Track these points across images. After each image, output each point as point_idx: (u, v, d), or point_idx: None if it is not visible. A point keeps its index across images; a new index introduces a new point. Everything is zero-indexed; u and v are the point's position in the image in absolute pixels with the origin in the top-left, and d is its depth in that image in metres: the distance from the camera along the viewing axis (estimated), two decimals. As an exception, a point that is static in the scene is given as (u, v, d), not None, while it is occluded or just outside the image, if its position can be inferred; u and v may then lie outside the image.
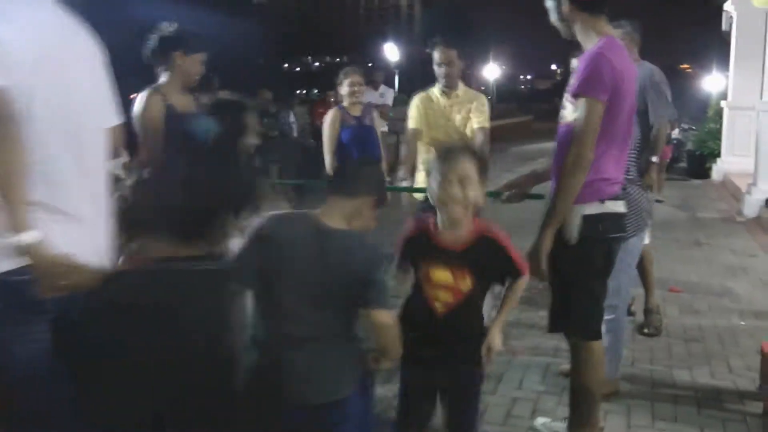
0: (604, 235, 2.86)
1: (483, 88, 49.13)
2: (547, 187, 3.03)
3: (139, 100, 3.65)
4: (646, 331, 4.82)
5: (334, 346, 2.25)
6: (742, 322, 5.10)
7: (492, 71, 43.41)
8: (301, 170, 9.99)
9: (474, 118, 4.52)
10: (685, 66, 45.88)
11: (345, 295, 2.20)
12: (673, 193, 11.19)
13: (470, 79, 49.34)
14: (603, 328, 3.69)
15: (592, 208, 2.82)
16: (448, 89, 4.57)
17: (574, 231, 2.82)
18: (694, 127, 15.37)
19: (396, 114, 13.52)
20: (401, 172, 4.59)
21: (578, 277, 2.89)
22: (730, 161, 12.62)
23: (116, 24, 3.68)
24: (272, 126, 11.27)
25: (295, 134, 11.83)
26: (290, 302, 2.22)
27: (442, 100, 4.60)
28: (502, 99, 48.19)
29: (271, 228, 2.24)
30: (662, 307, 5.10)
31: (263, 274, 2.21)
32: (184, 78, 3.70)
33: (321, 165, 5.54)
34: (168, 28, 3.70)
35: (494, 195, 3.25)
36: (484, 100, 4.65)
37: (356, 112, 5.54)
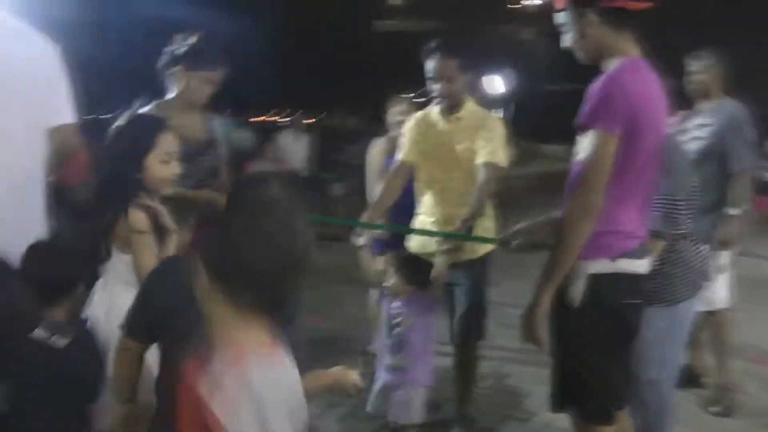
0: (614, 300, 2.34)
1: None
2: None
3: None
4: (712, 409, 4.15)
5: None
6: (839, 408, 4.31)
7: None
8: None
9: (480, 150, 3.45)
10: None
11: None
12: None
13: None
14: (644, 406, 3.15)
15: (600, 267, 2.33)
16: (448, 111, 3.58)
17: (576, 293, 2.33)
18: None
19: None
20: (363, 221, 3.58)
21: (582, 349, 2.38)
22: None
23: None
24: (356, 154, 11.02)
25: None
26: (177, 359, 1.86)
27: (442, 124, 3.61)
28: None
29: (157, 275, 1.92)
30: (740, 381, 4.39)
31: (152, 328, 1.88)
32: (188, 96, 3.39)
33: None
34: (182, 40, 3.41)
35: (502, 243, 2.79)
36: (494, 124, 3.54)
37: None
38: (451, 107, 3.56)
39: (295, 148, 9.60)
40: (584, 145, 2.32)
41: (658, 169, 2.45)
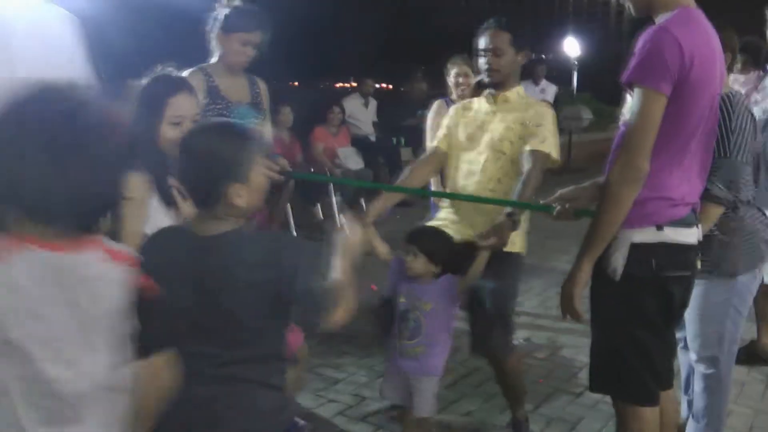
0: (659, 272, 2.16)
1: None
2: None
3: None
4: (782, 389, 3.91)
5: (244, 387, 1.78)
6: None
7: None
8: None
9: (529, 137, 3.04)
10: None
11: (254, 316, 1.73)
12: None
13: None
14: (700, 384, 2.97)
15: (644, 236, 2.15)
16: (495, 90, 3.19)
17: (617, 264, 2.16)
18: None
19: (567, 113, 12.75)
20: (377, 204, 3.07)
21: (622, 324, 2.22)
22: None
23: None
24: (424, 118, 10.83)
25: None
26: (180, 337, 1.73)
27: (485, 106, 3.24)
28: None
29: (146, 249, 1.78)
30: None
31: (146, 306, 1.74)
32: (228, 59, 3.37)
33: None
34: (224, 4, 3.40)
35: (544, 209, 2.62)
36: (545, 112, 3.14)
37: None
38: (497, 84, 3.17)
39: (362, 113, 9.50)
40: (630, 104, 2.14)
41: (713, 130, 2.25)
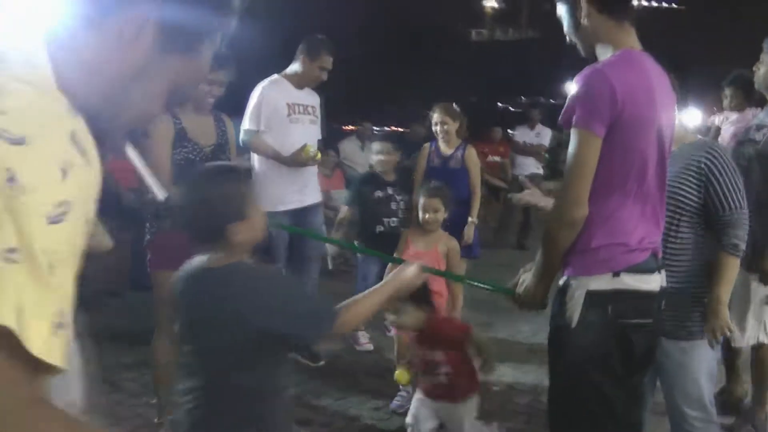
0: (616, 320, 2.09)
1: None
2: None
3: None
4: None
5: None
6: None
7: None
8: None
9: None
10: None
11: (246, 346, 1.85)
12: None
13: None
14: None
15: (600, 283, 2.09)
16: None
17: (573, 312, 2.10)
18: None
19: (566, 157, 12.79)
20: None
21: (581, 369, 2.14)
22: None
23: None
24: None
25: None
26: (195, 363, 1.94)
27: None
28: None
29: (175, 283, 1.98)
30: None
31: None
32: (194, 99, 3.41)
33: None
34: None
35: (509, 292, 2.43)
36: None
37: (446, 150, 5.02)
38: None
39: (359, 156, 9.48)
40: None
41: (664, 172, 2.21)
